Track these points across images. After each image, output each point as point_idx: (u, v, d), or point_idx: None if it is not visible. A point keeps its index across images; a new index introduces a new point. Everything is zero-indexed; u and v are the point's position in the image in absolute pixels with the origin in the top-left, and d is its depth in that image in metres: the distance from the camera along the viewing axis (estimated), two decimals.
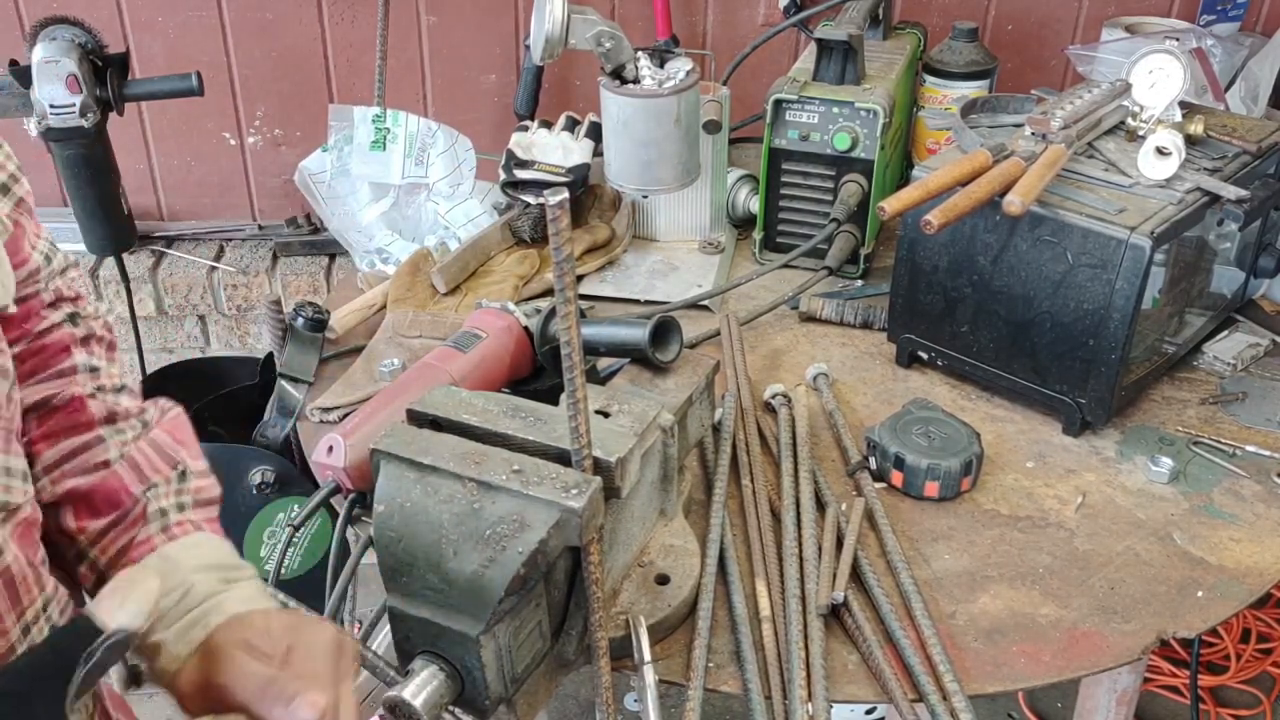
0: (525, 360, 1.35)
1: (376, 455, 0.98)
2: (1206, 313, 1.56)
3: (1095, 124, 1.41)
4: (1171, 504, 1.30)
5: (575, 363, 0.88)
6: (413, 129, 1.90)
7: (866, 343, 1.60)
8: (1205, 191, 1.33)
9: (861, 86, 1.67)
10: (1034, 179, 1.28)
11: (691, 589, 1.12)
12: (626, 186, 1.71)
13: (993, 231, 1.38)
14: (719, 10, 2.27)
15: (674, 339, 1.24)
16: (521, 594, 0.91)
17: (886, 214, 1.31)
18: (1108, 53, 1.94)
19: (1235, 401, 1.45)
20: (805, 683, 1.05)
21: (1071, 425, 1.40)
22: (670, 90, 1.59)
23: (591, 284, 1.74)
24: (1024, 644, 1.12)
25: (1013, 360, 1.42)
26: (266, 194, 2.45)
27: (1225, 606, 1.16)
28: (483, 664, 0.90)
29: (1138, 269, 1.27)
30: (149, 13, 2.22)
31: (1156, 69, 1.39)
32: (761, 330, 1.63)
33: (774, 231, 1.77)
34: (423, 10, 2.25)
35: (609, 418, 1.06)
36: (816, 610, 1.11)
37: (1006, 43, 2.26)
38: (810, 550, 1.17)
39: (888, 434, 1.31)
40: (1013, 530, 1.26)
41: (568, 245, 0.84)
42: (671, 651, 1.10)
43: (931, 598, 1.16)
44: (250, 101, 2.33)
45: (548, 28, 1.51)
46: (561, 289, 0.85)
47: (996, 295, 1.40)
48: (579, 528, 0.91)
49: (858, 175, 1.67)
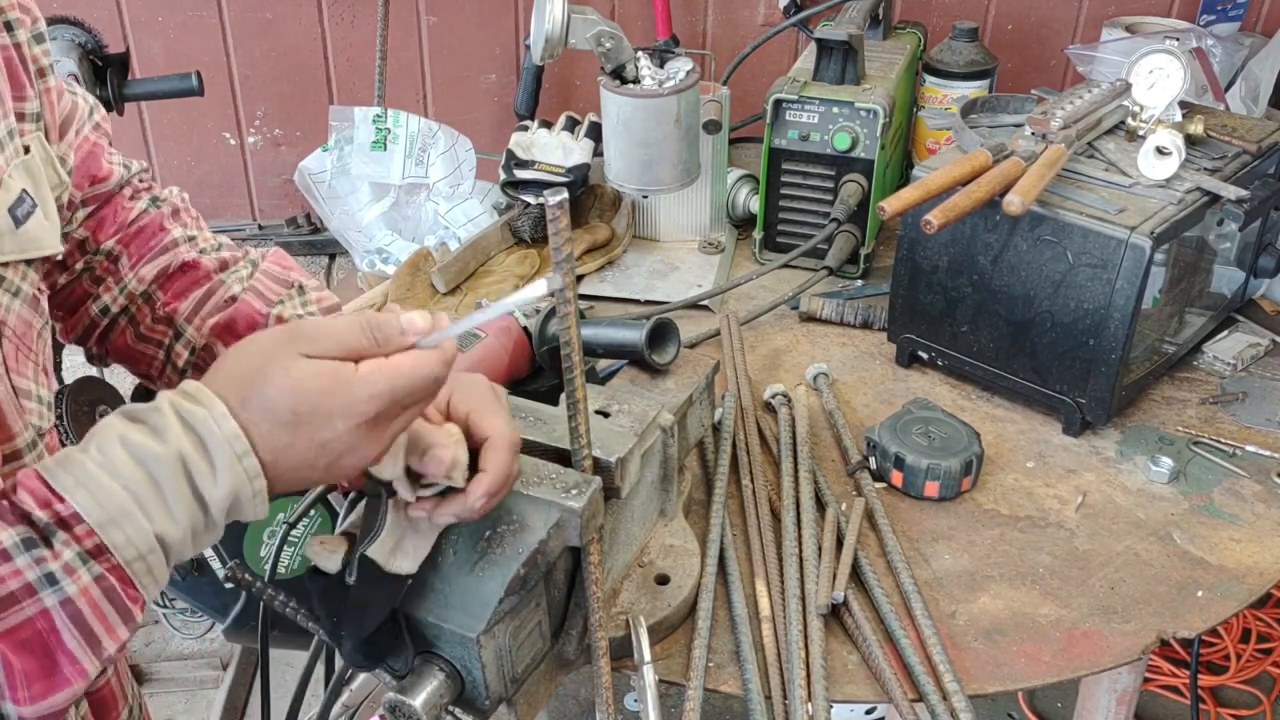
0: (524, 360, 1.35)
1: None
2: (1206, 313, 1.55)
3: (1095, 124, 1.41)
4: (1171, 504, 1.30)
5: (575, 363, 0.88)
6: (413, 129, 1.90)
7: (866, 343, 1.60)
8: (1205, 191, 1.33)
9: (861, 86, 1.67)
10: (1034, 179, 1.28)
11: (691, 589, 1.12)
12: (626, 186, 1.71)
13: (993, 231, 1.38)
14: (719, 10, 2.27)
15: (672, 341, 1.24)
16: (521, 594, 0.91)
17: (886, 214, 1.31)
18: (1108, 53, 1.94)
19: (1235, 401, 1.45)
20: (805, 683, 1.05)
21: (1071, 425, 1.40)
22: (670, 90, 1.59)
23: (591, 284, 1.74)
24: (1024, 644, 1.12)
25: (1013, 360, 1.42)
26: (266, 194, 2.44)
27: (1225, 606, 1.16)
28: (483, 664, 0.90)
29: (1138, 269, 1.27)
30: (149, 13, 2.21)
31: (1156, 69, 1.39)
32: (761, 330, 1.63)
33: (774, 231, 1.77)
34: (423, 10, 2.25)
35: (609, 418, 1.06)
36: (816, 610, 1.11)
37: (1006, 43, 2.26)
38: (810, 550, 1.17)
39: (888, 434, 1.31)
40: (1013, 530, 1.26)
41: (568, 245, 0.84)
42: (671, 651, 1.10)
43: (931, 598, 1.16)
44: (250, 101, 2.33)
45: (548, 28, 1.51)
46: (562, 289, 0.85)
47: (997, 295, 1.40)
48: (579, 528, 0.91)
49: (858, 175, 1.67)
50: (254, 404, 0.72)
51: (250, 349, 0.75)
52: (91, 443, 0.70)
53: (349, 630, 0.87)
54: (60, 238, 0.86)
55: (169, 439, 0.70)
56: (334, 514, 1.42)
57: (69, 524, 0.67)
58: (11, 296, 0.81)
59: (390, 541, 0.88)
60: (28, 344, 0.84)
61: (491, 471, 0.85)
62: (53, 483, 0.68)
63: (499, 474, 0.85)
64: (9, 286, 0.81)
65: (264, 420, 0.71)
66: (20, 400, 0.82)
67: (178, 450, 0.69)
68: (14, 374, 0.82)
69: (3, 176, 0.78)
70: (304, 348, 0.73)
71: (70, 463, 0.69)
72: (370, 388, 0.73)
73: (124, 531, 0.68)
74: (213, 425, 0.70)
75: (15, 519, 0.67)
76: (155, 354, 1.03)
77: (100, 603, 0.68)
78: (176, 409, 0.71)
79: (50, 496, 0.68)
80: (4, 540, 0.66)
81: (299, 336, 0.74)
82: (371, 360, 0.74)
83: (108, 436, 0.70)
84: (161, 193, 1.08)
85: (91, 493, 0.68)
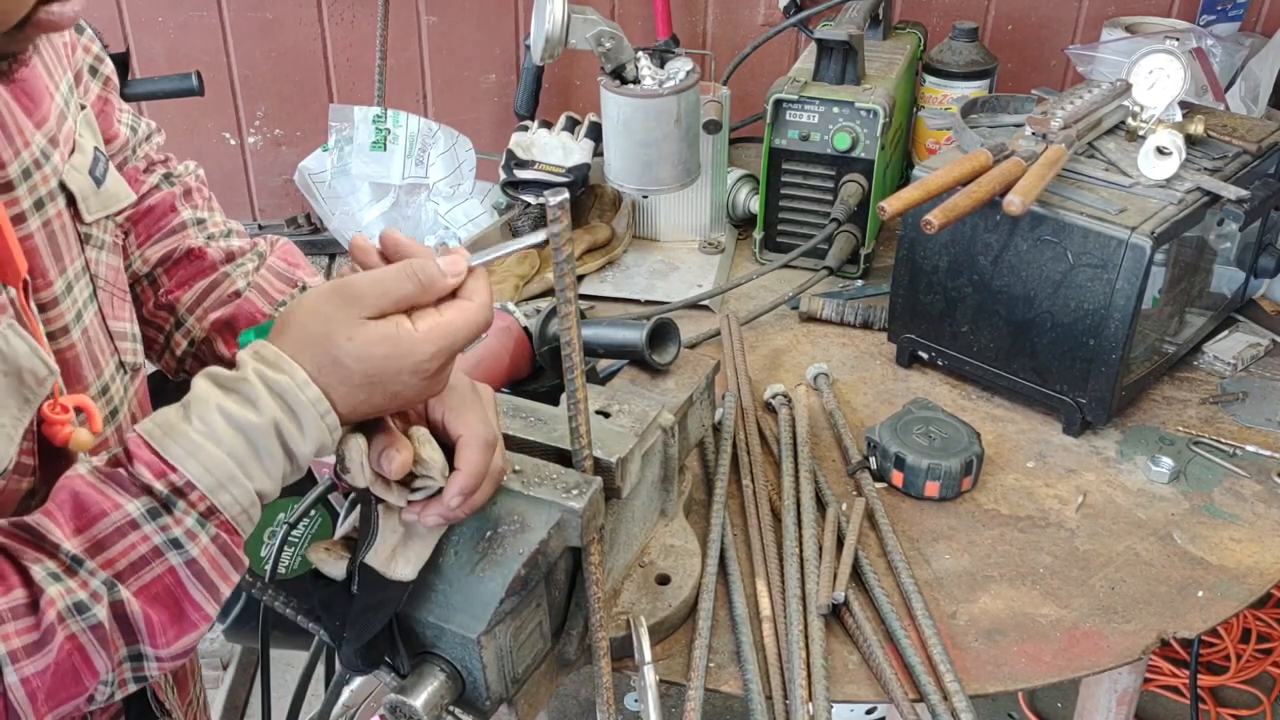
0: (524, 360, 1.35)
1: None
2: (1206, 313, 1.56)
3: (1095, 124, 1.41)
4: (1172, 504, 1.30)
5: (575, 362, 0.88)
6: (413, 129, 1.90)
7: (866, 343, 1.60)
8: (1205, 191, 1.33)
9: (861, 86, 1.67)
10: (1034, 179, 1.28)
11: (692, 589, 1.12)
12: (626, 186, 1.71)
13: (993, 231, 1.38)
14: (719, 10, 2.27)
15: (672, 341, 1.24)
16: (522, 594, 0.91)
17: (887, 214, 1.31)
18: (1108, 53, 1.94)
19: (1235, 401, 1.45)
20: (806, 682, 1.05)
21: (1072, 425, 1.40)
22: (670, 90, 1.59)
23: (591, 284, 1.74)
24: (1024, 644, 1.12)
25: (1013, 360, 1.42)
26: (267, 194, 2.44)
27: (1225, 606, 1.16)
28: (483, 664, 0.90)
29: (1138, 269, 1.27)
30: (149, 13, 2.22)
31: (1156, 69, 1.39)
32: (761, 330, 1.63)
33: (774, 231, 1.77)
34: (423, 10, 2.25)
35: (609, 418, 1.06)
36: (817, 610, 1.11)
37: (1006, 43, 2.26)
38: (811, 550, 1.17)
39: (888, 434, 1.31)
40: (1013, 530, 1.26)
41: (568, 245, 0.84)
42: (672, 651, 1.10)
43: (932, 598, 1.16)
44: (250, 101, 2.33)
45: (548, 28, 1.51)
46: (562, 289, 0.85)
47: (997, 295, 1.40)
48: (579, 528, 0.91)
49: (858, 175, 1.67)
50: (329, 370, 0.78)
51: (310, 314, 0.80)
52: (192, 412, 0.76)
53: (351, 635, 0.89)
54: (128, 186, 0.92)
55: (262, 408, 0.76)
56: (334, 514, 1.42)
57: (184, 492, 0.75)
58: (99, 250, 0.89)
59: (387, 548, 0.88)
60: (121, 287, 0.93)
61: (464, 470, 0.86)
62: (164, 453, 0.75)
63: (472, 472, 0.86)
64: (96, 242, 0.89)
65: (341, 384, 0.79)
66: (116, 342, 0.92)
67: (272, 418, 0.77)
68: (111, 319, 0.91)
69: (75, 138, 0.84)
70: (361, 311, 0.79)
71: (176, 433, 0.75)
72: (431, 346, 0.80)
73: (230, 493, 0.76)
74: (298, 393, 0.77)
75: (138, 490, 0.75)
76: (155, 337, 1.06)
77: (217, 557, 0.77)
78: (263, 379, 0.77)
79: (164, 467, 0.75)
80: (132, 512, 0.74)
81: (353, 299, 0.79)
82: (427, 320, 0.81)
83: (206, 406, 0.76)
84: (176, 168, 1.09)
85: (200, 462, 0.75)
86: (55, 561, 0.72)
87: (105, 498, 0.74)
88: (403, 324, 0.80)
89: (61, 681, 0.72)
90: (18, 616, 0.70)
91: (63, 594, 0.71)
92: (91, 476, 0.75)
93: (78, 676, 0.72)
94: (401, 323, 0.80)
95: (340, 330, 0.78)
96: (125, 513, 0.74)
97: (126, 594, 0.74)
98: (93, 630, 0.72)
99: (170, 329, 1.05)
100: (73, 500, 0.74)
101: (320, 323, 0.79)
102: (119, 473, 0.75)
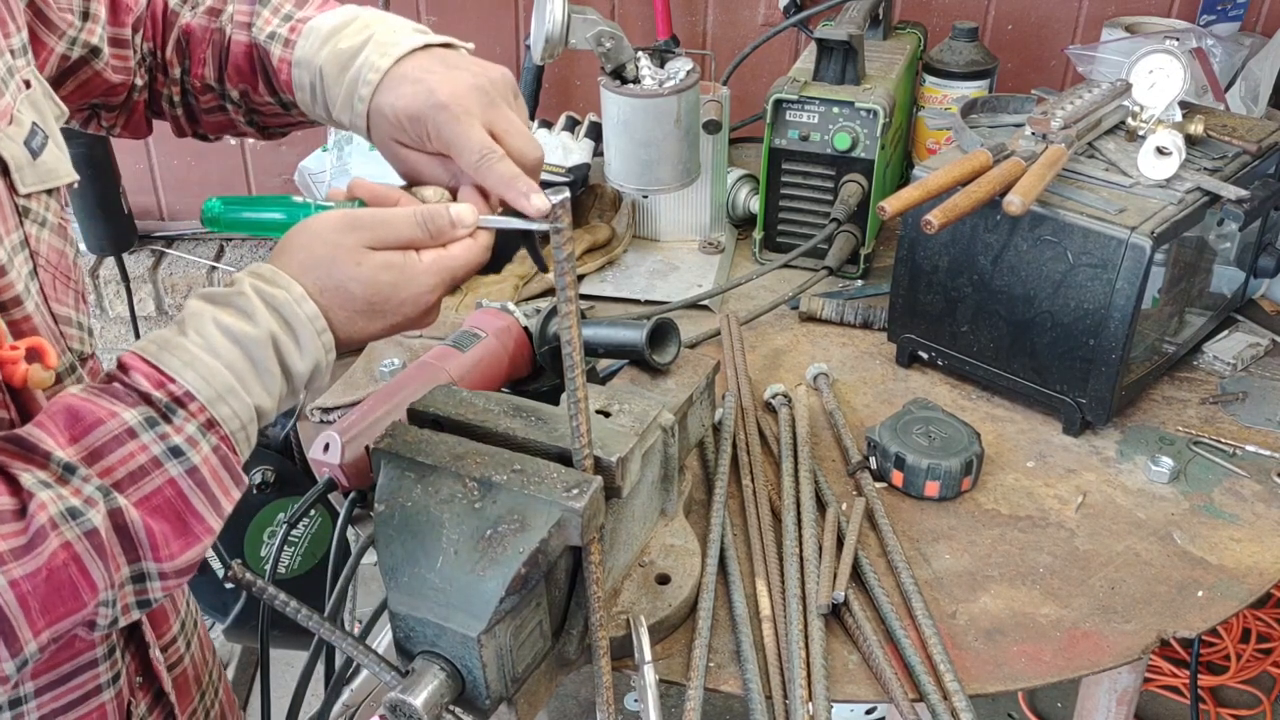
0: (524, 360, 1.35)
1: (377, 454, 0.98)
2: (1206, 313, 1.56)
3: (1095, 124, 1.42)
4: (1172, 504, 1.30)
5: (576, 362, 0.88)
6: None
7: (866, 343, 1.60)
8: (1205, 191, 1.33)
9: (861, 86, 1.67)
10: (1034, 179, 1.28)
11: (692, 589, 1.12)
12: (626, 186, 1.71)
13: (993, 231, 1.38)
14: (719, 10, 2.27)
15: (672, 341, 1.24)
16: (522, 594, 0.91)
17: (887, 214, 1.31)
18: (1108, 53, 1.94)
19: (1235, 401, 1.45)
20: (805, 682, 1.05)
21: (1072, 425, 1.40)
22: (670, 90, 1.59)
23: (591, 284, 1.74)
24: (1024, 644, 1.12)
25: (1013, 360, 1.42)
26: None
27: (1225, 606, 1.16)
28: (483, 664, 0.90)
29: (1138, 269, 1.27)
30: None
31: (1156, 69, 1.39)
32: (761, 330, 1.63)
33: (774, 231, 1.77)
34: (423, 10, 2.25)
35: (610, 417, 1.06)
36: (817, 610, 1.11)
37: (1006, 43, 2.26)
38: (810, 550, 1.17)
39: (888, 434, 1.31)
40: (1013, 530, 1.26)
41: (568, 245, 0.84)
42: (672, 651, 1.10)
43: (932, 597, 1.16)
44: None
45: (548, 28, 1.51)
46: (562, 289, 0.85)
47: (997, 295, 1.40)
48: (580, 527, 0.91)
49: (858, 175, 1.67)
50: (331, 293, 0.80)
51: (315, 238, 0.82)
52: (188, 326, 0.77)
53: None
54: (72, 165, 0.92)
55: (259, 321, 0.77)
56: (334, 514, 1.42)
57: (183, 402, 0.75)
58: (39, 226, 0.88)
59: None
60: (64, 272, 0.91)
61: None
62: (161, 365, 0.75)
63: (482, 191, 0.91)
64: (35, 217, 0.87)
65: (341, 309, 0.81)
66: (60, 327, 0.89)
67: (269, 331, 0.78)
68: (54, 302, 0.88)
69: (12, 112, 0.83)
70: (367, 240, 0.82)
71: (172, 345, 0.76)
72: (434, 278, 0.84)
73: (230, 406, 0.76)
74: (295, 307, 0.79)
75: (135, 399, 0.74)
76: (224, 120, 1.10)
77: (218, 469, 0.77)
78: (259, 292, 0.78)
79: (162, 378, 0.75)
80: (130, 420, 0.73)
81: (360, 227, 0.82)
82: (432, 251, 0.85)
83: (201, 320, 0.77)
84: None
85: (199, 373, 0.75)
86: (47, 471, 0.71)
87: (100, 407, 0.73)
88: (410, 255, 0.83)
89: (57, 593, 0.69)
90: (3, 521, 0.68)
91: (54, 499, 0.69)
92: (86, 392, 0.74)
93: (75, 590, 0.70)
94: (409, 254, 0.83)
95: (347, 256, 0.80)
96: (122, 420, 0.73)
97: (125, 503, 0.72)
98: (88, 537, 0.70)
99: (221, 101, 1.08)
100: (66, 412, 0.73)
101: (326, 248, 0.81)
102: (114, 385, 0.75)
